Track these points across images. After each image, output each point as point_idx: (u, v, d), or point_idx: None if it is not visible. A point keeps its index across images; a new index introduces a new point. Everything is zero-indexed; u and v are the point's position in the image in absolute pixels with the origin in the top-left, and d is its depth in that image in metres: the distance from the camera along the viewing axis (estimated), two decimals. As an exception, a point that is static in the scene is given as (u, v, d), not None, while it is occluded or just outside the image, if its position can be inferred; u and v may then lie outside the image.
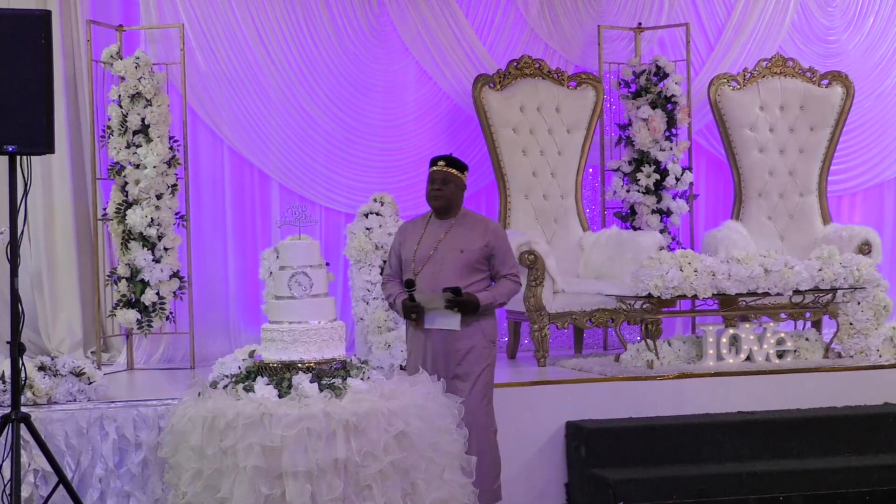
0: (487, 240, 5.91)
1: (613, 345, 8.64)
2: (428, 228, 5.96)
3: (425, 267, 5.85)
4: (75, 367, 6.20)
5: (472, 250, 5.87)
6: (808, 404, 6.87)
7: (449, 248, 5.86)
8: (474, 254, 5.87)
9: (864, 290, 7.32)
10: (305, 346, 5.52)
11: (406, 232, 6.07)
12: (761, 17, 9.34)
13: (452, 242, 5.88)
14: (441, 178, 5.92)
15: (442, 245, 5.87)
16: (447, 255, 5.85)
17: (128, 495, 5.96)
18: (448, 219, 5.96)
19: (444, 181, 5.91)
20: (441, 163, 5.95)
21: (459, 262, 5.84)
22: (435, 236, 5.91)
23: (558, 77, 8.70)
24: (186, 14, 8.25)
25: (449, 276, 5.80)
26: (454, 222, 5.94)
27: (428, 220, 6.01)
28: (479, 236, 5.90)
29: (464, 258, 5.85)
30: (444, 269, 5.83)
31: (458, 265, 5.84)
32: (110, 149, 7.84)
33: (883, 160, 9.70)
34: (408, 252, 5.95)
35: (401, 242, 6.04)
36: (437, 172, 5.93)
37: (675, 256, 7.18)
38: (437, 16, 8.74)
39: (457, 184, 5.95)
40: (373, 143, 8.73)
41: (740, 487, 6.30)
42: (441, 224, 5.95)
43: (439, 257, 5.85)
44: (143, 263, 7.74)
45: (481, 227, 5.96)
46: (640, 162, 8.87)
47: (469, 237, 5.89)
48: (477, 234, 5.91)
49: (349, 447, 5.17)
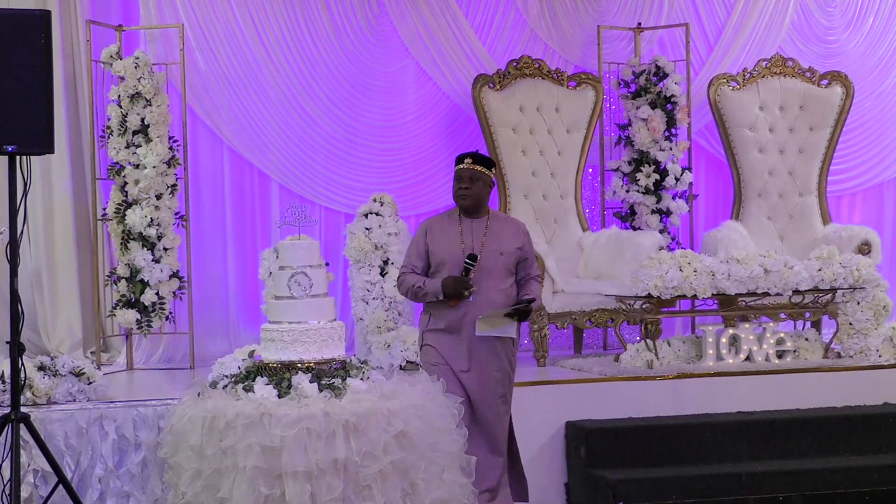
0: (522, 242, 5.78)
1: (613, 345, 8.63)
2: (464, 228, 5.76)
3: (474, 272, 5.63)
4: (75, 367, 6.20)
5: (509, 252, 5.72)
6: (807, 404, 6.87)
7: (489, 251, 5.69)
8: (511, 256, 5.73)
9: (864, 291, 7.32)
10: (305, 347, 5.52)
11: (436, 230, 5.83)
12: (761, 17, 9.34)
13: (491, 244, 5.71)
14: (468, 175, 5.73)
15: (484, 247, 5.69)
16: (488, 257, 5.67)
17: (127, 495, 5.95)
18: (481, 218, 5.78)
19: (472, 179, 5.73)
20: (468, 160, 5.76)
21: (500, 265, 5.69)
22: (475, 237, 5.72)
23: (558, 77, 8.70)
24: (186, 14, 8.25)
25: (491, 279, 5.65)
26: (489, 222, 5.78)
27: (460, 219, 5.80)
28: (513, 238, 5.76)
29: (503, 260, 5.70)
30: (484, 271, 5.65)
31: (498, 267, 5.69)
32: (110, 149, 7.84)
33: (882, 160, 9.70)
34: (445, 252, 5.72)
35: (430, 240, 5.79)
36: (464, 170, 5.74)
37: (675, 256, 7.18)
38: (437, 16, 8.74)
39: (485, 181, 5.76)
40: (372, 144, 8.73)
41: (740, 487, 6.30)
42: (477, 224, 5.76)
43: (481, 260, 5.65)
44: (143, 263, 7.74)
45: (514, 228, 5.83)
46: (639, 162, 8.87)
47: (506, 239, 5.74)
48: (511, 235, 5.77)
49: (349, 447, 5.17)
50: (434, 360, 5.77)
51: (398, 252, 7.75)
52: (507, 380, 5.83)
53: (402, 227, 7.85)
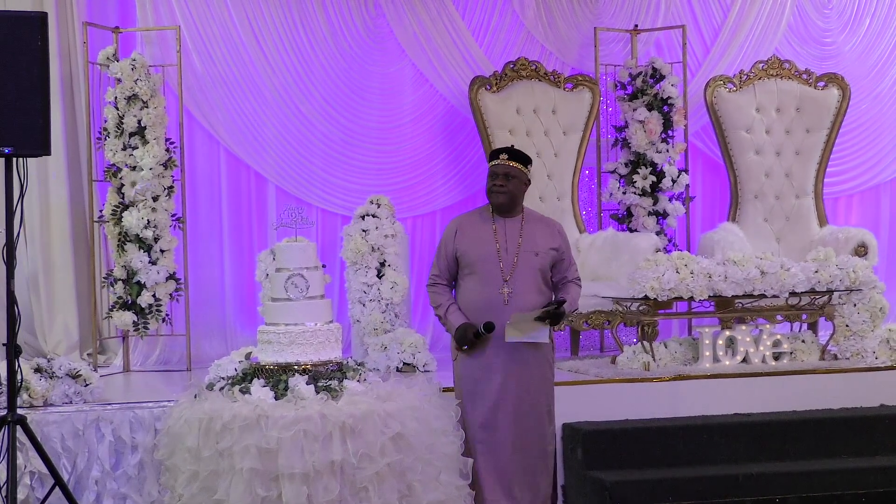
0: (558, 243, 5.57)
1: (610, 347, 8.64)
2: (497, 227, 5.53)
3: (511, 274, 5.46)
4: (71, 369, 6.19)
5: (544, 253, 5.51)
6: (804, 406, 6.87)
7: (523, 251, 5.49)
8: (546, 257, 5.51)
9: (861, 292, 7.32)
10: (302, 348, 5.52)
11: (466, 230, 5.60)
12: (757, 19, 9.35)
13: (526, 244, 5.50)
14: (503, 172, 5.50)
15: (521, 248, 5.48)
16: (521, 258, 5.48)
17: (124, 497, 5.94)
18: (515, 216, 5.57)
19: (507, 176, 5.49)
20: (503, 156, 5.52)
21: (535, 265, 5.49)
22: (509, 237, 5.51)
23: (554, 79, 8.70)
24: (183, 16, 8.25)
25: (525, 282, 5.47)
26: (523, 222, 5.58)
27: (493, 218, 5.58)
28: (549, 238, 5.55)
29: (538, 261, 5.49)
30: (518, 273, 5.46)
31: (533, 268, 5.49)
32: (106, 151, 7.84)
33: (879, 162, 9.70)
34: (476, 253, 5.51)
35: (458, 242, 5.57)
36: (499, 166, 5.51)
37: (672, 258, 7.18)
38: (434, 18, 8.74)
39: (520, 179, 5.53)
40: (369, 145, 8.73)
41: (737, 489, 6.29)
42: (511, 223, 5.55)
43: (514, 260, 5.48)
44: (140, 265, 7.73)
45: (550, 228, 5.61)
46: (636, 164, 8.87)
47: (541, 240, 5.54)
48: (547, 236, 5.56)
49: (345, 449, 5.18)
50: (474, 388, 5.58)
51: (395, 254, 7.75)
52: (548, 390, 5.65)
53: (398, 229, 7.85)
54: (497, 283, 5.49)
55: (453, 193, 8.89)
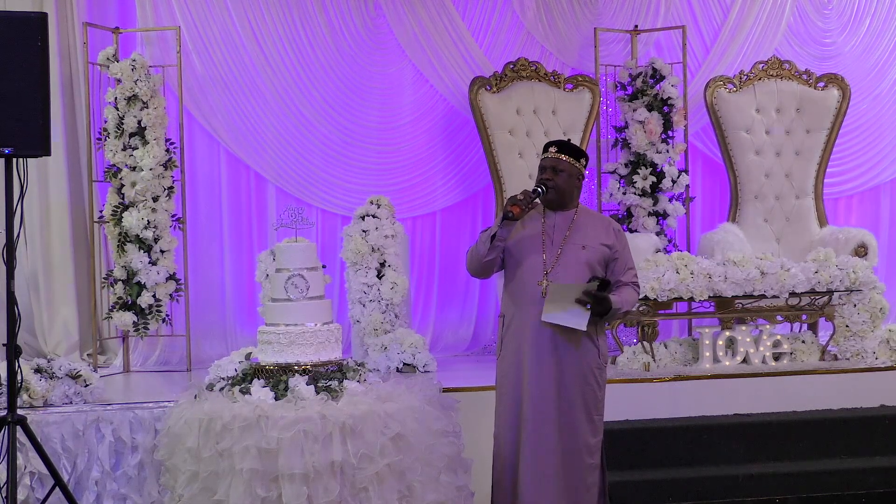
0: (611, 240, 5.25)
1: (610, 347, 8.60)
2: (547, 222, 5.26)
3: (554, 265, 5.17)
4: (71, 369, 6.20)
5: (593, 248, 5.19)
6: (804, 406, 6.87)
7: (569, 243, 5.19)
8: (595, 252, 5.19)
9: (861, 293, 7.32)
10: (302, 349, 5.53)
11: (517, 223, 5.26)
12: (757, 19, 9.34)
13: (573, 237, 5.20)
14: (551, 165, 5.24)
15: (567, 240, 5.20)
16: (567, 250, 5.17)
17: (124, 498, 5.94)
18: (568, 211, 5.28)
19: (555, 170, 5.23)
20: (552, 149, 5.29)
21: (581, 259, 5.17)
22: (557, 231, 5.23)
23: (555, 79, 8.70)
24: (183, 16, 8.25)
25: (568, 276, 5.11)
26: (575, 216, 5.27)
27: (544, 214, 5.29)
28: (601, 234, 5.26)
29: (585, 255, 5.17)
30: (561, 266, 5.14)
31: (580, 262, 5.16)
32: (106, 151, 7.84)
33: (879, 162, 9.70)
34: (521, 251, 5.22)
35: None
36: (548, 159, 5.27)
37: (672, 259, 7.18)
38: (434, 18, 8.74)
39: (570, 173, 5.24)
40: (369, 146, 8.73)
41: (736, 490, 6.30)
42: (562, 216, 5.26)
43: (559, 252, 5.18)
44: (140, 266, 7.74)
45: (604, 225, 5.30)
46: (636, 164, 8.87)
47: (592, 234, 5.23)
48: (599, 231, 5.27)
49: (345, 449, 5.18)
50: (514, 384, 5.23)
51: (395, 254, 7.75)
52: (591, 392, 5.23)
53: (398, 230, 7.85)
54: (537, 274, 5.19)
55: (453, 194, 8.89)
